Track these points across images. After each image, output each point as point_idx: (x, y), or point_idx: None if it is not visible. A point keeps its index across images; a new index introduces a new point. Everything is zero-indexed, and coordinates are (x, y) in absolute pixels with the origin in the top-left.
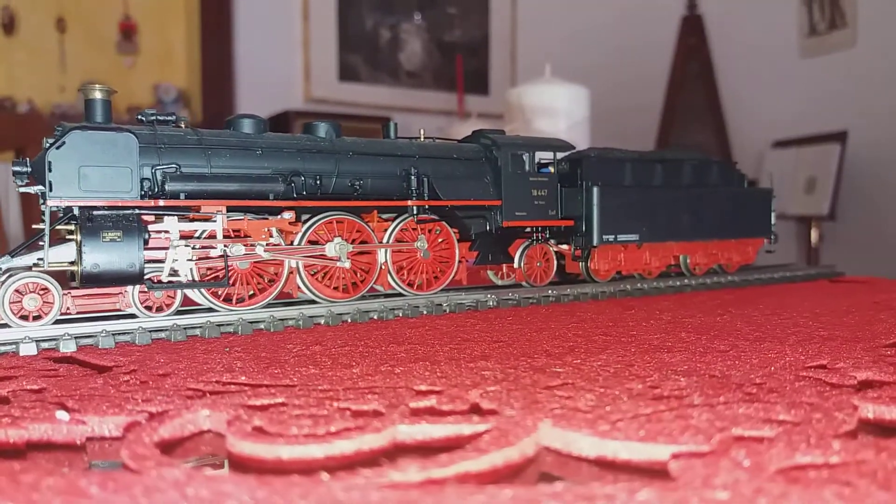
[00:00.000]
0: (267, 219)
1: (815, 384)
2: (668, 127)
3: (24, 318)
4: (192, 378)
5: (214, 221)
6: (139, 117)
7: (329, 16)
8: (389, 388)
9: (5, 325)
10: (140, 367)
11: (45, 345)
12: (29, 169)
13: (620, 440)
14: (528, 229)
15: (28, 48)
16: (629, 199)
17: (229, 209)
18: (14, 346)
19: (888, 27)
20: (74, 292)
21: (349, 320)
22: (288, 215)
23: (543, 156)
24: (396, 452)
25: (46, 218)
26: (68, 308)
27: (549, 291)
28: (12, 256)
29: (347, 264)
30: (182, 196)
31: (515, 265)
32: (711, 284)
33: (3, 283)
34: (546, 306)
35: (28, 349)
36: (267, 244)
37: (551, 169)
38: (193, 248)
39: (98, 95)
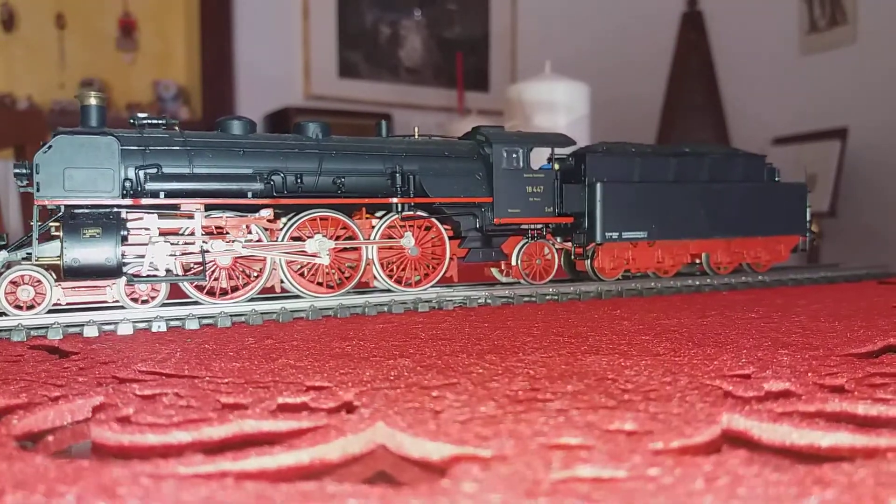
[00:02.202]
0: (246, 216)
1: (709, 393)
2: (668, 123)
3: (19, 307)
4: (123, 367)
5: (193, 219)
6: (130, 120)
7: (329, 12)
8: (285, 383)
9: (3, 314)
10: (91, 356)
11: (38, 332)
12: (27, 170)
13: (430, 441)
14: (525, 226)
15: (27, 45)
16: (637, 196)
17: (212, 207)
18: (8, 334)
19: (889, 24)
20: (65, 284)
21: (332, 315)
22: (266, 213)
23: (544, 152)
24: (240, 445)
25: (35, 215)
26: (59, 299)
27: (549, 289)
28: (8, 251)
29: (326, 260)
30: (161, 195)
31: (513, 262)
32: (735, 284)
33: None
34: (541, 304)
35: (20, 336)
36: (246, 241)
37: (553, 165)
38: (173, 244)
39: (92, 102)
